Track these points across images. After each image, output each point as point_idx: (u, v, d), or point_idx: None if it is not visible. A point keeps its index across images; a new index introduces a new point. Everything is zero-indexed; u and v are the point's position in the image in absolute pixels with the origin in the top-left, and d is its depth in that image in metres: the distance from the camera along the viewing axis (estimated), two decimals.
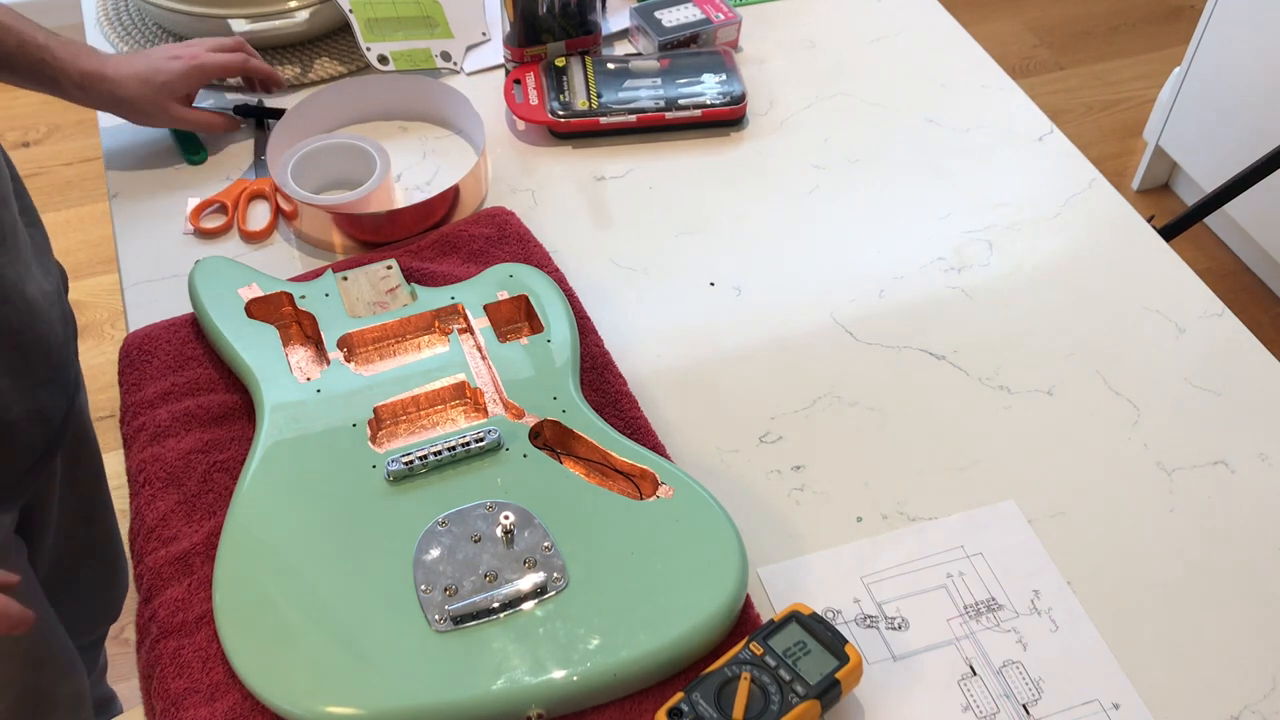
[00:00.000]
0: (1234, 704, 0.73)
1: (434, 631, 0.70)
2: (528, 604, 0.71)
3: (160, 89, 0.99)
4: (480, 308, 0.88)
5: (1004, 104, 1.15)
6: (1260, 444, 0.86)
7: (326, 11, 1.15)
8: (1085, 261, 1.00)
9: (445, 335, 0.88)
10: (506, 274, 0.91)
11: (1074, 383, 0.91)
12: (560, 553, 0.73)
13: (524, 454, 0.78)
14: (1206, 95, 2.03)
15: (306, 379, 0.83)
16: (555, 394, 0.82)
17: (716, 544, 0.73)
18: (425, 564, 0.72)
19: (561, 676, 0.68)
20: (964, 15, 1.27)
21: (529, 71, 1.13)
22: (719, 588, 0.72)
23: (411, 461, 0.77)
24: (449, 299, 0.89)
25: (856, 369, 0.91)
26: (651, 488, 0.77)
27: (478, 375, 0.84)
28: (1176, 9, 2.71)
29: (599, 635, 0.70)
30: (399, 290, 0.90)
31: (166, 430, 0.83)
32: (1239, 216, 2.05)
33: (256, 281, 0.90)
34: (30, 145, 2.32)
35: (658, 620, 0.70)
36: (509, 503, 0.75)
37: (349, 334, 0.86)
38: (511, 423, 0.80)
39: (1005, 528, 0.81)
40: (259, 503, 0.76)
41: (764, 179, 1.07)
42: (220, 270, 0.91)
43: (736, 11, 1.21)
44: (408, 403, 0.83)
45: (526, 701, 0.67)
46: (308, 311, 0.88)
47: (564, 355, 0.85)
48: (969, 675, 0.74)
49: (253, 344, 0.85)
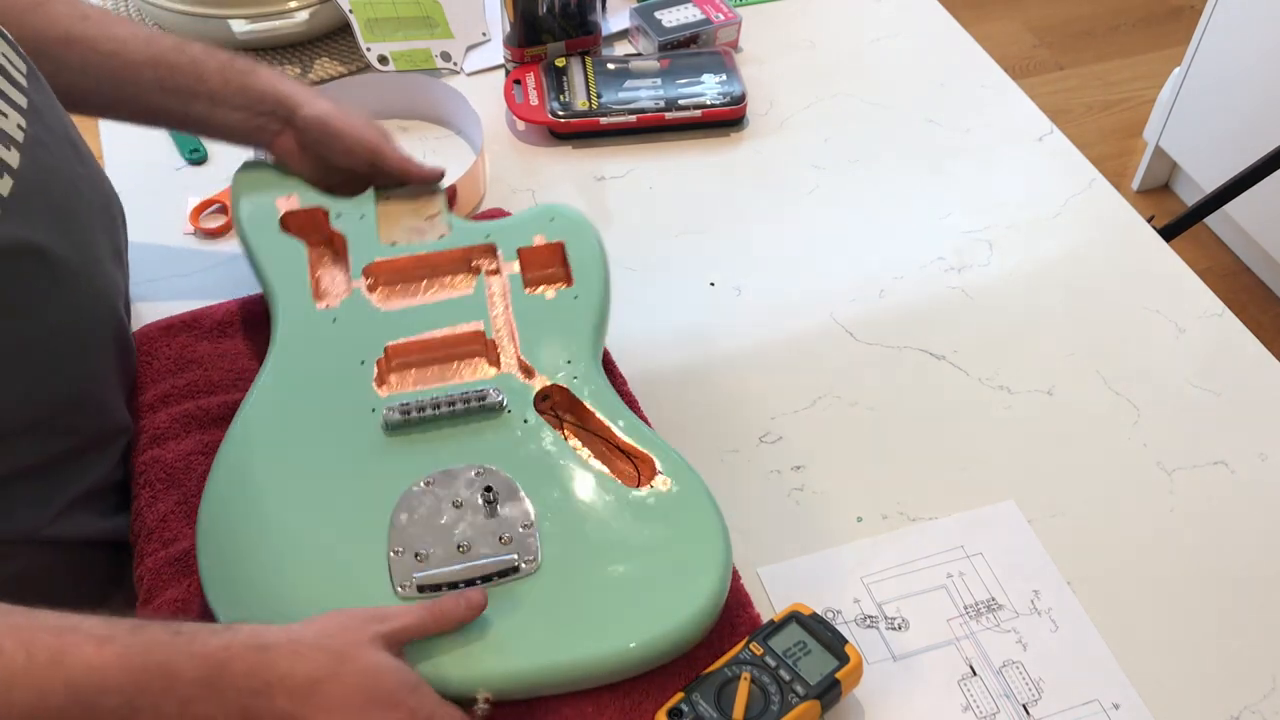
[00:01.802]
0: (1234, 704, 0.73)
1: (397, 597, 0.69)
2: (495, 583, 0.69)
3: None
4: (514, 250, 0.85)
5: (1004, 104, 1.15)
6: (1260, 444, 0.86)
7: (326, 12, 1.15)
8: (1085, 261, 1.00)
9: (473, 275, 0.85)
10: (548, 217, 0.87)
11: (1074, 383, 0.90)
12: (539, 533, 0.71)
13: (525, 419, 0.76)
14: (1206, 95, 2.03)
15: (325, 305, 0.81)
16: (571, 358, 0.79)
17: (701, 550, 0.71)
18: (402, 525, 0.71)
19: (514, 666, 0.67)
20: (964, 15, 1.27)
21: (529, 72, 1.13)
22: (692, 601, 0.69)
23: (409, 412, 0.75)
24: (484, 236, 0.86)
25: (856, 369, 0.91)
26: (650, 474, 0.74)
27: (495, 325, 0.81)
28: (1176, 9, 2.71)
29: (558, 629, 0.68)
30: (438, 219, 0.86)
31: (166, 432, 0.83)
32: (1239, 216, 2.05)
33: (299, 193, 0.87)
34: None
35: (621, 624, 0.68)
36: (498, 471, 0.74)
37: (376, 262, 0.84)
38: (520, 383, 0.78)
39: (1005, 528, 0.81)
40: (257, 427, 0.75)
41: (764, 179, 1.07)
42: (264, 176, 0.88)
43: (736, 11, 1.21)
44: (420, 345, 0.80)
45: (475, 684, 0.66)
46: (339, 232, 0.85)
47: (589, 316, 0.81)
48: (969, 675, 0.74)
49: (279, 259, 0.83)
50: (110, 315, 0.81)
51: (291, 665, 0.60)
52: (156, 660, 0.58)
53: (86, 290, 0.77)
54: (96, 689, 0.56)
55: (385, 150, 0.89)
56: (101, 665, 0.57)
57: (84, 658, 0.56)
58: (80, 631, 0.57)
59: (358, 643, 0.62)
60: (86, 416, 0.79)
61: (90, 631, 0.58)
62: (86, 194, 0.78)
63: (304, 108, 0.87)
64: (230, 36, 1.12)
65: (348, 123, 0.88)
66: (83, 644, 0.57)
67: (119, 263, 0.86)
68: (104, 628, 0.58)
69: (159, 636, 0.59)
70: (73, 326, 0.75)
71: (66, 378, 0.75)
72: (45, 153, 0.74)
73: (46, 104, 0.77)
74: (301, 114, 0.87)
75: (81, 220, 0.77)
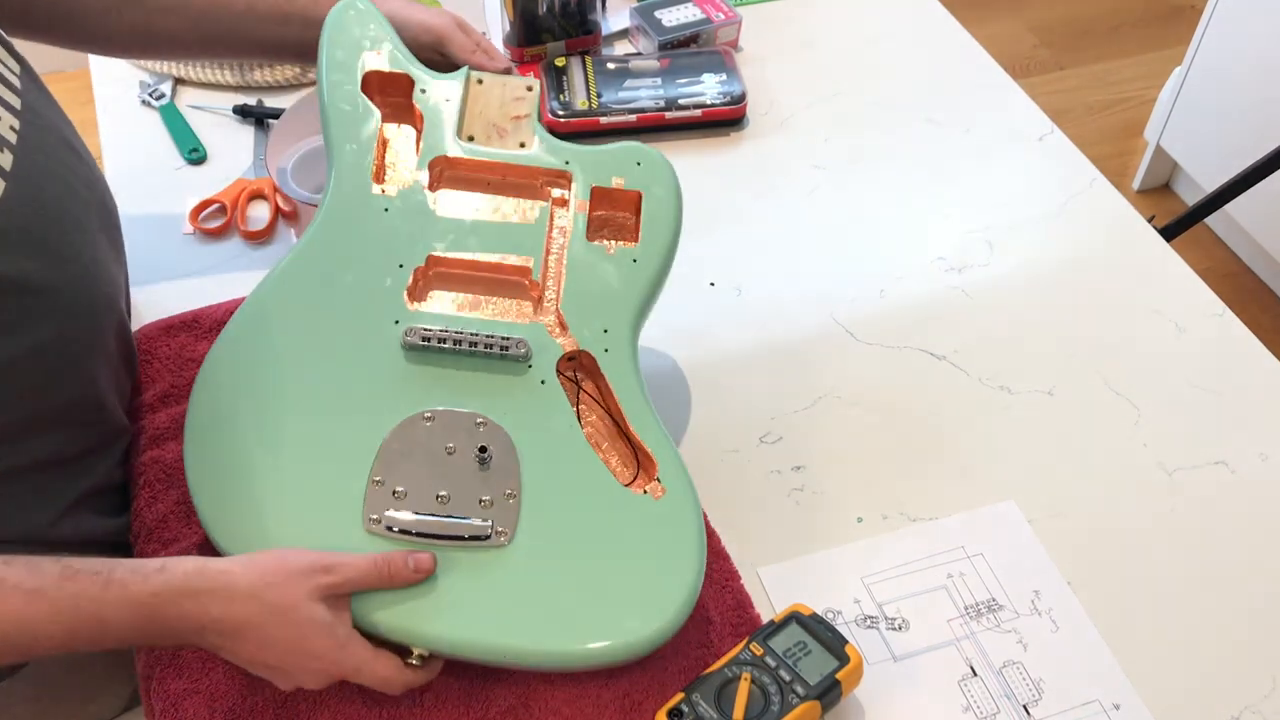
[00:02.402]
0: (1234, 704, 0.73)
1: (364, 530, 0.68)
2: (461, 545, 0.68)
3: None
4: (589, 187, 0.79)
5: (1004, 104, 1.15)
6: (1260, 444, 0.86)
7: None
8: (1085, 261, 1.00)
9: (540, 202, 0.79)
10: (635, 160, 0.80)
11: (1074, 383, 0.90)
12: (520, 505, 0.69)
13: (543, 380, 0.73)
14: (1206, 95, 2.03)
15: (381, 191, 0.78)
16: (609, 326, 0.75)
17: (675, 570, 0.69)
18: (390, 454, 0.70)
19: (458, 634, 0.66)
20: (964, 15, 1.27)
21: (529, 71, 1.13)
22: (649, 620, 0.67)
23: (430, 340, 0.73)
24: (564, 162, 0.79)
25: (856, 369, 0.91)
26: (648, 476, 0.73)
27: (545, 267, 0.77)
28: (1176, 9, 2.71)
29: (510, 612, 0.67)
30: (525, 121, 0.81)
31: (166, 432, 0.83)
32: (1239, 216, 2.05)
33: (390, 51, 0.82)
34: None
35: (573, 622, 0.67)
36: (501, 427, 0.72)
37: (446, 157, 0.79)
38: (549, 338, 0.74)
39: (1005, 528, 0.81)
40: (272, 307, 0.73)
41: (764, 179, 1.07)
42: (362, 20, 0.82)
43: (736, 11, 1.21)
44: (464, 264, 0.76)
45: (414, 641, 0.66)
46: (419, 110, 0.80)
47: (643, 285, 0.77)
48: (969, 676, 0.74)
49: (347, 124, 0.79)
50: (111, 315, 0.80)
51: (223, 610, 0.63)
52: (86, 612, 0.61)
53: (83, 298, 0.76)
54: (29, 638, 0.60)
55: (453, 36, 0.86)
56: (33, 618, 0.60)
57: (13, 611, 0.59)
58: (6, 585, 0.60)
59: (294, 596, 0.64)
60: (87, 420, 0.79)
61: (18, 584, 0.60)
62: (83, 193, 0.78)
63: (379, 4, 0.85)
64: None
65: (418, 10, 0.86)
66: (10, 597, 0.60)
67: (119, 260, 0.85)
68: (31, 577, 0.60)
69: (88, 589, 0.61)
70: (66, 338, 0.74)
71: (65, 386, 0.75)
72: (40, 155, 0.73)
73: (42, 103, 0.77)
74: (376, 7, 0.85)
75: (78, 221, 0.77)
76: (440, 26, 0.86)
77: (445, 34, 0.86)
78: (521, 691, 0.71)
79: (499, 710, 0.70)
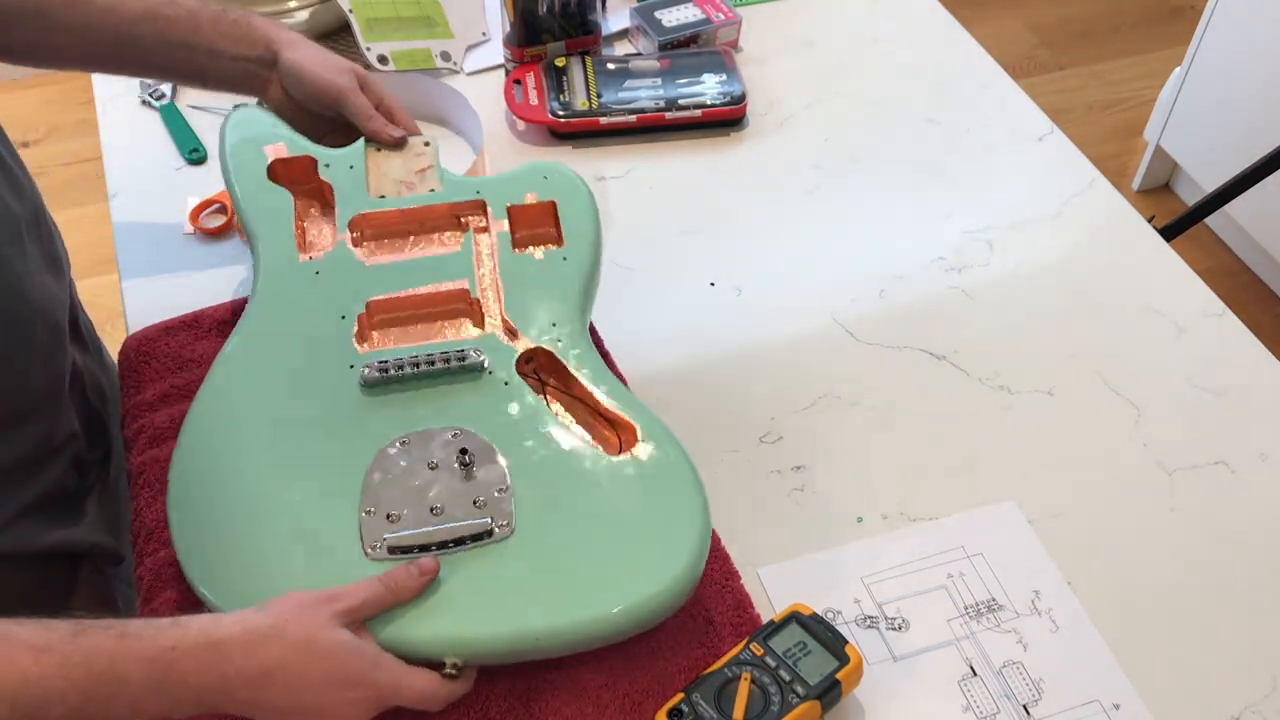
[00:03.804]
0: (1234, 704, 0.73)
1: (366, 559, 0.67)
2: (467, 547, 0.68)
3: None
4: (504, 208, 0.83)
5: (1004, 104, 1.15)
6: (1260, 444, 0.86)
7: (326, 11, 1.15)
8: (1085, 261, 1.00)
9: (461, 232, 0.83)
10: (541, 174, 0.85)
11: (1074, 383, 0.90)
12: (514, 497, 0.70)
13: (506, 381, 0.75)
14: (1206, 95, 2.03)
15: (309, 257, 0.80)
16: (557, 320, 0.77)
17: (678, 522, 0.69)
18: (375, 484, 0.70)
19: (483, 633, 0.66)
20: (964, 15, 1.27)
21: (529, 71, 1.13)
22: (669, 568, 0.68)
23: (387, 369, 0.74)
24: (474, 193, 0.84)
25: (856, 369, 0.91)
26: (631, 441, 0.73)
27: (481, 284, 0.80)
28: (1176, 9, 2.71)
29: (529, 596, 0.67)
30: (430, 172, 0.85)
31: (165, 432, 0.83)
32: (1239, 216, 2.05)
33: (285, 142, 0.86)
34: (30, 145, 2.32)
35: (596, 590, 0.67)
36: (475, 434, 0.72)
37: (363, 215, 0.82)
38: (503, 344, 0.77)
39: (1005, 528, 0.81)
40: (233, 379, 0.74)
41: (764, 179, 1.07)
42: (253, 123, 0.87)
43: (736, 11, 1.21)
44: (404, 301, 0.79)
45: (443, 650, 0.65)
46: (327, 182, 0.84)
47: (577, 279, 0.79)
48: (969, 676, 0.74)
49: (263, 208, 0.82)
50: (45, 326, 0.79)
51: (245, 658, 0.60)
52: (100, 668, 0.57)
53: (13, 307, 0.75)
54: (39, 700, 0.55)
55: (348, 99, 0.87)
56: (40, 676, 0.55)
57: (20, 670, 0.55)
58: (14, 640, 0.56)
59: (315, 625, 0.62)
60: (24, 431, 0.78)
61: (27, 640, 0.56)
62: (14, 208, 0.77)
63: (284, 51, 0.86)
64: None
65: (320, 67, 0.86)
66: (19, 655, 0.55)
67: (57, 271, 0.84)
68: (41, 635, 0.56)
69: (101, 642, 0.57)
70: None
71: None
72: None
73: None
74: (282, 57, 0.86)
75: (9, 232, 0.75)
76: (338, 91, 0.87)
77: (342, 98, 0.87)
78: (522, 691, 0.71)
79: (499, 710, 0.70)
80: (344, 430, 0.72)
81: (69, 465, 0.83)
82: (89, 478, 0.88)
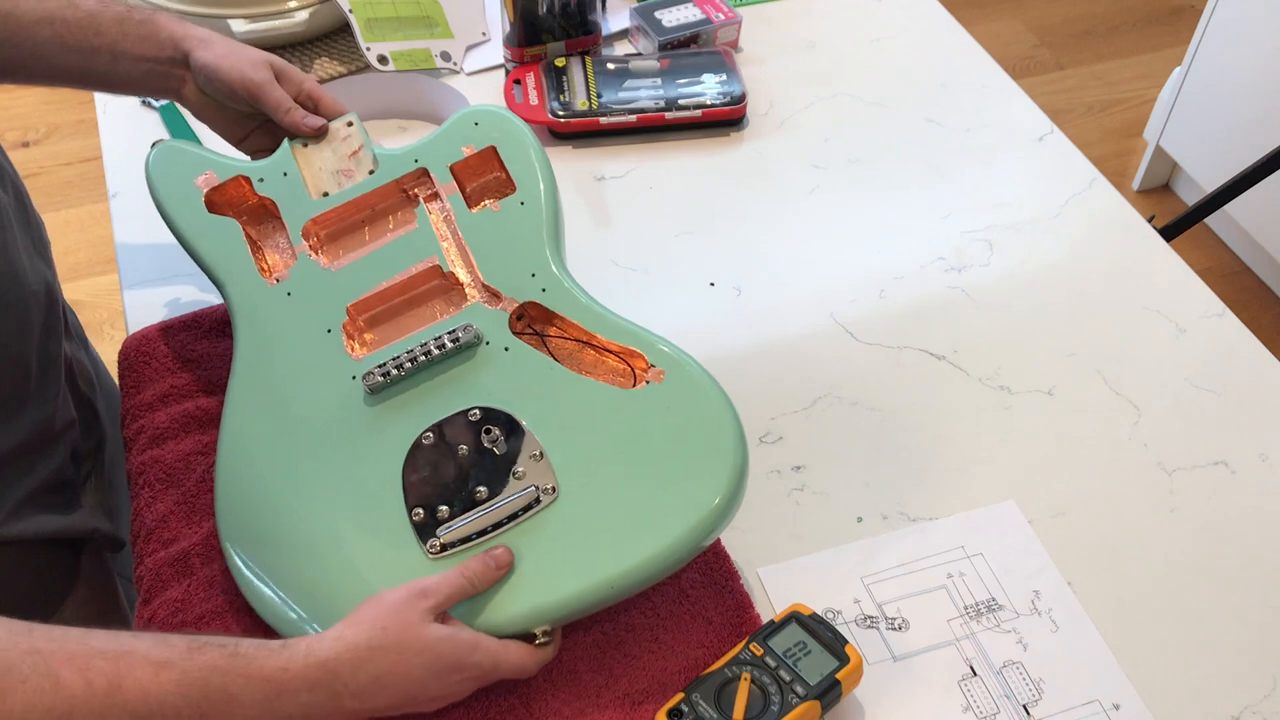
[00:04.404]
0: (1234, 704, 0.73)
1: (429, 559, 0.69)
2: (521, 520, 0.69)
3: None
4: (446, 170, 0.81)
5: (1004, 104, 1.15)
6: (1260, 444, 0.86)
7: (326, 11, 1.15)
8: (1085, 261, 1.00)
9: (413, 206, 0.81)
10: (471, 121, 0.82)
11: (1074, 383, 0.90)
12: (550, 460, 0.70)
13: (505, 347, 0.74)
14: (1206, 95, 2.03)
15: (275, 280, 0.79)
16: (534, 269, 0.76)
17: (711, 431, 0.70)
18: (415, 485, 0.71)
19: (561, 595, 0.67)
20: (964, 15, 1.27)
21: (529, 72, 1.13)
22: (718, 478, 0.68)
23: (388, 371, 0.74)
24: (413, 163, 0.82)
25: (856, 369, 0.91)
26: (643, 368, 0.73)
27: (449, 255, 0.79)
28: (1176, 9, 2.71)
29: (594, 547, 0.68)
30: (363, 152, 0.83)
31: (165, 432, 0.83)
32: (1239, 216, 2.05)
33: (212, 168, 0.83)
34: (30, 145, 2.32)
35: (652, 523, 0.68)
36: (494, 407, 0.72)
37: (313, 219, 0.81)
38: (490, 310, 0.76)
39: (1005, 528, 0.81)
40: (245, 429, 0.74)
41: (764, 179, 1.07)
42: (176, 158, 0.84)
43: (736, 11, 1.21)
44: (381, 295, 0.78)
45: (530, 623, 0.67)
46: (268, 197, 0.82)
47: (539, 218, 0.78)
48: (969, 676, 0.74)
49: (216, 243, 0.80)
50: (40, 309, 0.79)
51: (354, 672, 0.61)
52: (216, 685, 0.58)
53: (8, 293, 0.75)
54: (156, 714, 0.56)
55: (264, 94, 0.83)
56: (160, 692, 0.56)
57: (141, 684, 0.56)
58: (136, 655, 0.57)
59: (411, 624, 0.63)
60: (25, 417, 0.78)
61: (147, 655, 0.57)
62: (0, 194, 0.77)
63: (196, 51, 0.82)
64: (230, 36, 1.12)
65: (232, 63, 0.82)
66: (139, 669, 0.56)
67: (44, 255, 0.83)
68: (160, 650, 0.58)
69: (216, 660, 0.58)
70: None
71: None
72: None
73: None
74: (194, 57, 0.82)
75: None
76: (253, 86, 0.83)
77: (258, 93, 0.83)
78: (522, 691, 0.71)
79: (499, 710, 0.70)
80: (367, 442, 0.73)
81: (68, 453, 0.83)
82: (84, 466, 0.88)
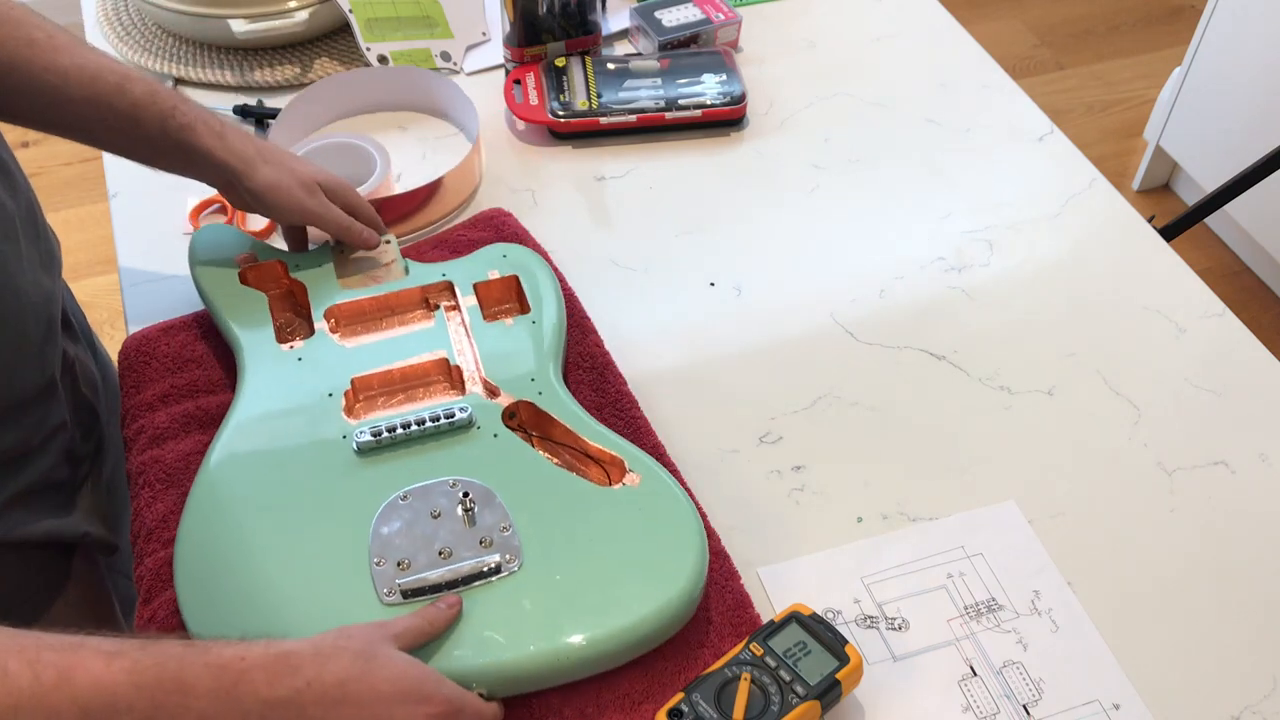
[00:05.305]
0: (1234, 704, 0.73)
1: (382, 604, 0.69)
2: (479, 583, 0.70)
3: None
4: (470, 286, 0.88)
5: (1004, 104, 1.15)
6: (1260, 444, 0.86)
7: (326, 11, 1.15)
8: (1085, 261, 1.00)
9: (432, 312, 0.88)
10: (500, 254, 0.91)
11: (1074, 383, 0.90)
12: (518, 534, 0.72)
13: (494, 434, 0.78)
14: (1206, 95, 2.03)
15: (290, 347, 0.84)
16: (534, 376, 0.82)
17: (678, 535, 0.73)
18: (382, 536, 0.72)
19: (504, 658, 0.68)
20: (964, 15, 1.27)
21: (529, 71, 1.13)
22: (674, 579, 0.71)
23: (380, 434, 0.77)
24: (440, 275, 0.89)
25: (856, 369, 0.91)
26: (620, 474, 0.77)
27: (459, 353, 0.84)
28: (1176, 9, 2.71)
29: (546, 620, 0.69)
30: (394, 265, 0.90)
31: (165, 432, 0.83)
32: (1239, 216, 2.05)
33: (256, 250, 0.90)
34: (30, 145, 2.32)
35: (607, 608, 0.70)
36: (472, 481, 0.75)
37: (337, 305, 0.87)
38: (486, 402, 0.80)
39: (1005, 528, 0.81)
40: (229, 464, 0.76)
41: (764, 179, 1.07)
42: (220, 237, 0.91)
43: (736, 11, 1.21)
44: (386, 376, 0.83)
45: (467, 680, 0.67)
46: (299, 281, 0.88)
47: (548, 338, 0.85)
48: (969, 676, 0.74)
49: (241, 309, 0.86)
50: (37, 323, 0.79)
51: (318, 669, 0.59)
52: (169, 673, 0.56)
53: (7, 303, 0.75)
54: (108, 707, 0.55)
55: (322, 220, 0.88)
56: (111, 682, 0.55)
57: (92, 675, 0.55)
58: (87, 648, 0.56)
59: (375, 640, 0.63)
60: (13, 424, 0.78)
61: (98, 648, 0.56)
62: (8, 205, 0.77)
63: (245, 180, 0.84)
64: (230, 36, 1.12)
65: (284, 196, 0.85)
66: (90, 661, 0.55)
67: (50, 269, 0.84)
68: (112, 643, 0.57)
69: (170, 649, 0.58)
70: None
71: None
72: None
73: None
74: (244, 185, 0.84)
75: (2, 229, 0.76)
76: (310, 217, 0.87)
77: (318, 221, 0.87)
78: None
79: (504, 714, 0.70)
80: (345, 495, 0.75)
81: (59, 456, 0.83)
82: (81, 469, 0.88)
